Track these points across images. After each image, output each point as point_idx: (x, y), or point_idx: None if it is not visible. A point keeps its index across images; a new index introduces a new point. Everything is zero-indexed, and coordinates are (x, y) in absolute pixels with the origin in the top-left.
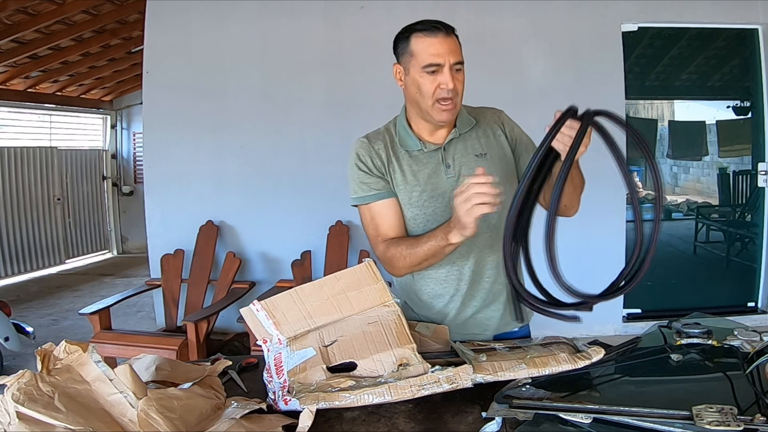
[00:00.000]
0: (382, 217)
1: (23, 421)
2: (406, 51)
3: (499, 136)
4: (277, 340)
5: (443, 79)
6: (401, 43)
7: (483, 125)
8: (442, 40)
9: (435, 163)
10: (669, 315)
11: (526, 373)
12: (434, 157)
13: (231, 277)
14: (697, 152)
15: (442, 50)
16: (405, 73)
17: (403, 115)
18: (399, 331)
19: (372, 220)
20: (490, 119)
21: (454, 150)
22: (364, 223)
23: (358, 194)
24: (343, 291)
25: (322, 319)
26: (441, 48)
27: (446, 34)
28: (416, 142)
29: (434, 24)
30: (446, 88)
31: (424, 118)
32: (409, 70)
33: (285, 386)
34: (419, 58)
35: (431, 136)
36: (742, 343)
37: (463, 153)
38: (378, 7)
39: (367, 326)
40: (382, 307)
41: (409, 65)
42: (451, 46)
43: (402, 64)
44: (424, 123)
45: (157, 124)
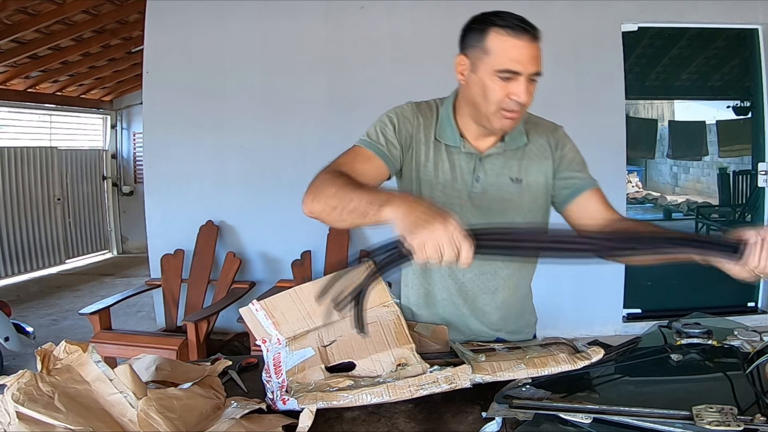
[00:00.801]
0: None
1: (23, 421)
2: (478, 45)
3: (544, 159)
4: (276, 340)
5: (516, 89)
6: (474, 34)
7: (532, 145)
8: (526, 44)
9: (466, 170)
10: (669, 315)
11: (525, 373)
12: (467, 163)
13: (231, 277)
14: (697, 152)
15: (523, 57)
16: (470, 69)
17: (451, 103)
18: (398, 331)
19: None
20: (544, 139)
21: (491, 165)
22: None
23: (371, 137)
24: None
25: (322, 320)
26: (523, 54)
27: (531, 39)
28: (455, 138)
29: (521, 23)
30: (517, 100)
31: (477, 120)
32: (478, 68)
33: (283, 386)
34: (495, 58)
35: (474, 139)
36: (742, 343)
37: (498, 172)
38: (378, 7)
39: (366, 326)
40: (381, 307)
41: (479, 63)
42: (534, 54)
43: (469, 58)
44: (473, 124)
45: (157, 124)
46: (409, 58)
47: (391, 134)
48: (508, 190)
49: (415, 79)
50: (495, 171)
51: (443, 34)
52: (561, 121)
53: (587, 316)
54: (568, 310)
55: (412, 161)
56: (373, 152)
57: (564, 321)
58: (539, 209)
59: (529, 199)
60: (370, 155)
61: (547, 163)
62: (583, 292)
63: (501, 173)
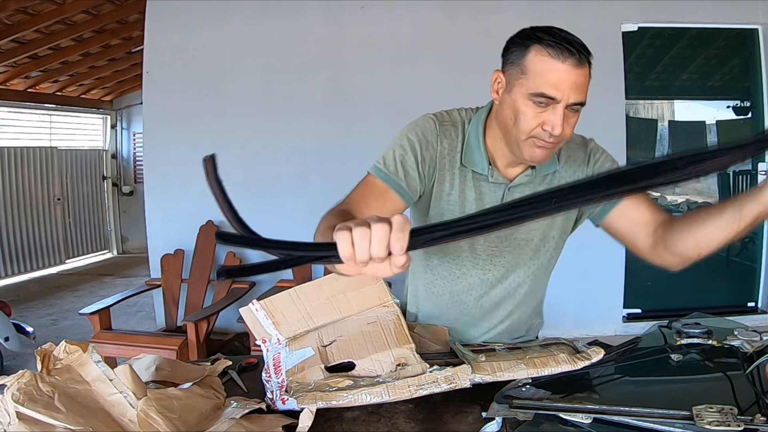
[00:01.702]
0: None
1: (23, 422)
2: (517, 62)
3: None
4: (276, 340)
5: (551, 118)
6: (515, 50)
7: (564, 171)
8: (569, 68)
9: (492, 200)
10: (669, 315)
11: (525, 373)
12: (494, 192)
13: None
14: None
15: (563, 82)
16: (505, 89)
17: (482, 123)
18: (398, 331)
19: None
20: (575, 159)
21: (519, 194)
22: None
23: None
24: (343, 291)
25: (322, 320)
26: (563, 79)
27: (578, 63)
28: (484, 166)
29: (568, 42)
30: (550, 131)
31: (507, 145)
32: (513, 88)
33: (283, 386)
34: (531, 80)
35: (504, 165)
36: (742, 343)
37: None
38: (378, 7)
39: (366, 326)
40: (381, 307)
41: (515, 82)
42: (577, 80)
43: (506, 76)
44: (504, 148)
45: (157, 124)
46: (408, 58)
47: (412, 164)
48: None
49: (414, 79)
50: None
51: (443, 34)
52: None
53: (587, 316)
54: (568, 310)
55: (433, 190)
56: (389, 186)
57: (564, 321)
58: (561, 237)
59: (555, 226)
60: (384, 189)
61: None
62: (583, 292)
63: None
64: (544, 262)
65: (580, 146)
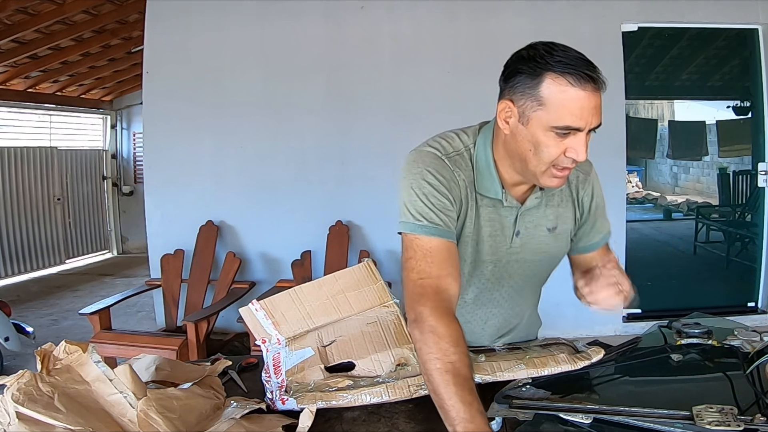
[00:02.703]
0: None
1: (23, 422)
2: (531, 93)
3: (572, 208)
4: (276, 340)
5: (576, 145)
6: (524, 78)
7: (564, 188)
8: (589, 95)
9: (507, 225)
10: (669, 315)
11: (525, 373)
12: (507, 217)
13: (231, 277)
14: (697, 152)
15: (586, 110)
16: (520, 120)
17: (489, 146)
18: (398, 331)
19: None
20: (572, 181)
21: (531, 218)
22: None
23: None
24: (342, 291)
25: (321, 320)
26: (586, 106)
27: (595, 88)
28: (498, 191)
29: (586, 70)
30: (575, 157)
31: (521, 173)
32: (530, 120)
33: (283, 386)
34: (553, 113)
35: (513, 189)
36: (742, 343)
37: (537, 223)
38: (378, 7)
39: (366, 326)
40: (381, 307)
41: (532, 114)
42: (597, 104)
43: (518, 106)
44: (514, 173)
45: (157, 124)
46: (408, 58)
47: (450, 208)
48: (545, 241)
49: (414, 79)
50: (533, 223)
51: (443, 34)
52: None
53: (587, 316)
54: (568, 310)
55: (467, 224)
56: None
57: (564, 321)
58: (561, 257)
59: (560, 246)
60: (448, 245)
61: (576, 212)
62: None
63: (538, 224)
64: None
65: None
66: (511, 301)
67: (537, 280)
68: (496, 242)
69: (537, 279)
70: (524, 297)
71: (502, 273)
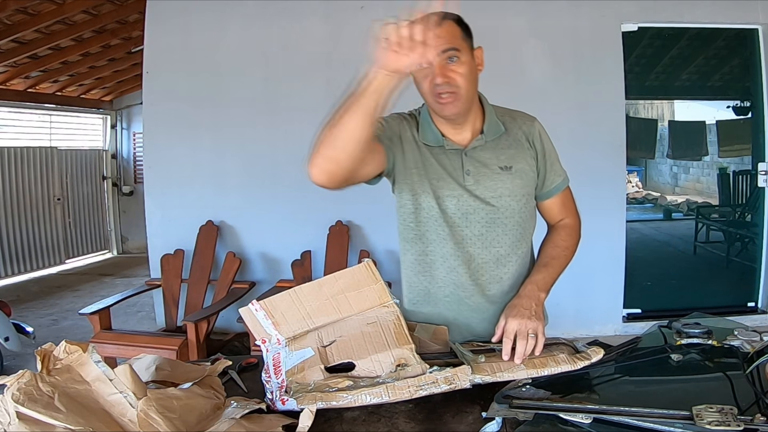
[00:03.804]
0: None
1: (23, 422)
2: None
3: (527, 149)
4: (276, 340)
5: (431, 74)
6: None
7: (512, 134)
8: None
9: (455, 166)
10: (669, 315)
11: (525, 373)
12: (454, 159)
13: (231, 277)
14: (697, 152)
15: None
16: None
17: (427, 107)
18: (398, 332)
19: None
20: (521, 128)
21: (479, 157)
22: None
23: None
24: (343, 291)
25: (321, 320)
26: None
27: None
28: (438, 138)
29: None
30: (437, 82)
31: (433, 114)
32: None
33: (283, 386)
34: None
35: (454, 135)
36: (742, 343)
37: (487, 162)
38: (378, 7)
39: (366, 327)
40: (381, 307)
41: None
42: (438, 33)
43: None
44: (442, 121)
45: (157, 124)
46: None
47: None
48: (500, 179)
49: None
50: (483, 162)
51: None
52: (561, 121)
53: (587, 316)
54: (568, 310)
55: (403, 164)
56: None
57: (564, 321)
58: (529, 196)
59: (521, 184)
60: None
61: (530, 152)
62: (583, 292)
63: (488, 164)
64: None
65: (526, 120)
66: (485, 241)
67: (506, 221)
68: (452, 180)
69: (506, 220)
70: (497, 238)
71: (466, 208)
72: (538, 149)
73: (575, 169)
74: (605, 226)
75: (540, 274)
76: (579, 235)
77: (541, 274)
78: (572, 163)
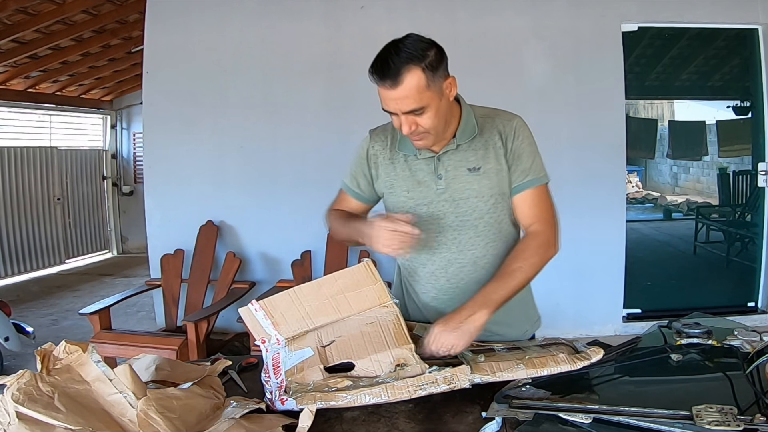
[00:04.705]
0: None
1: (23, 421)
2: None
3: (498, 148)
4: (276, 340)
5: (399, 123)
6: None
7: (486, 135)
8: (387, 91)
9: (428, 172)
10: (669, 315)
11: (524, 373)
12: (429, 165)
13: (231, 277)
14: (697, 152)
15: (389, 101)
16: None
17: None
18: (397, 331)
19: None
20: (497, 127)
21: (449, 161)
22: (338, 200)
23: (346, 181)
24: (342, 291)
25: (321, 320)
26: (388, 98)
27: (391, 85)
28: (412, 147)
29: (383, 69)
30: (403, 131)
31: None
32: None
33: (282, 386)
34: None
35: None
36: (742, 343)
37: (457, 165)
38: (378, 7)
39: (365, 327)
40: (380, 307)
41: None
42: (398, 96)
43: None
44: None
45: (157, 124)
46: None
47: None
48: (469, 180)
49: None
50: (453, 165)
51: (443, 34)
52: (561, 121)
53: (587, 316)
54: (568, 310)
55: (381, 185)
56: (350, 196)
57: (564, 321)
58: (500, 195)
59: (489, 185)
60: (349, 198)
61: (501, 151)
62: (583, 292)
63: (459, 166)
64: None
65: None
66: (459, 244)
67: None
68: (426, 186)
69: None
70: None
71: (438, 213)
72: (508, 147)
73: (575, 169)
74: (605, 226)
75: (492, 287)
76: (549, 250)
77: (493, 287)
78: (572, 163)
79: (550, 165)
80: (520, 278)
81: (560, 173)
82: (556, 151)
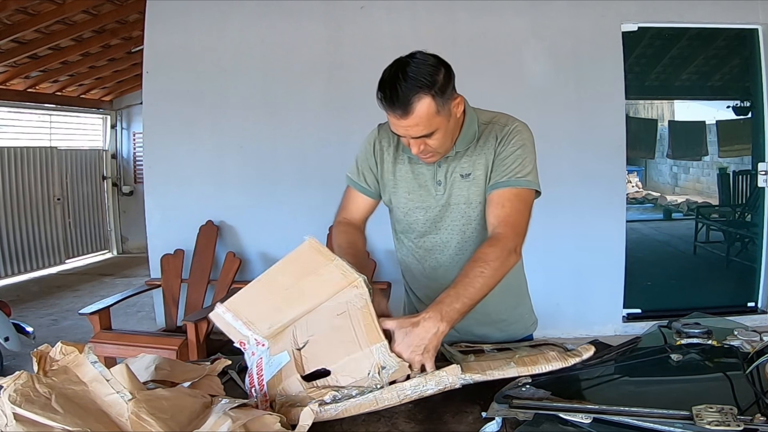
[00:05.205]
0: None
1: (20, 423)
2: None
3: (489, 154)
4: (254, 341)
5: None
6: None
7: (483, 140)
8: (397, 119)
9: (428, 177)
10: (669, 315)
11: (515, 372)
12: (429, 171)
13: (231, 277)
14: (697, 152)
15: (400, 128)
16: None
17: None
18: (367, 323)
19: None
20: (493, 132)
21: (447, 168)
22: (344, 199)
23: (352, 177)
24: (299, 278)
25: (292, 312)
26: (398, 125)
27: (402, 115)
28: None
29: (392, 98)
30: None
31: None
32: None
33: (267, 398)
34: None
35: None
36: (742, 343)
37: (452, 172)
38: (378, 7)
39: (335, 319)
40: (350, 288)
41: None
42: (409, 124)
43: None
44: None
45: (157, 124)
46: None
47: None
48: (460, 186)
49: None
50: (450, 172)
51: (443, 34)
52: (561, 121)
53: (587, 316)
54: (567, 310)
55: (383, 183)
56: (358, 191)
57: (564, 321)
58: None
59: (477, 191)
60: (356, 194)
61: (491, 157)
62: (582, 292)
63: (453, 172)
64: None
65: (502, 125)
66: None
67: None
68: (426, 191)
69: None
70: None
71: (434, 218)
72: (497, 150)
73: (575, 169)
74: (605, 226)
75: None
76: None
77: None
78: (572, 162)
79: (550, 165)
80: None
81: (560, 173)
82: (556, 151)
